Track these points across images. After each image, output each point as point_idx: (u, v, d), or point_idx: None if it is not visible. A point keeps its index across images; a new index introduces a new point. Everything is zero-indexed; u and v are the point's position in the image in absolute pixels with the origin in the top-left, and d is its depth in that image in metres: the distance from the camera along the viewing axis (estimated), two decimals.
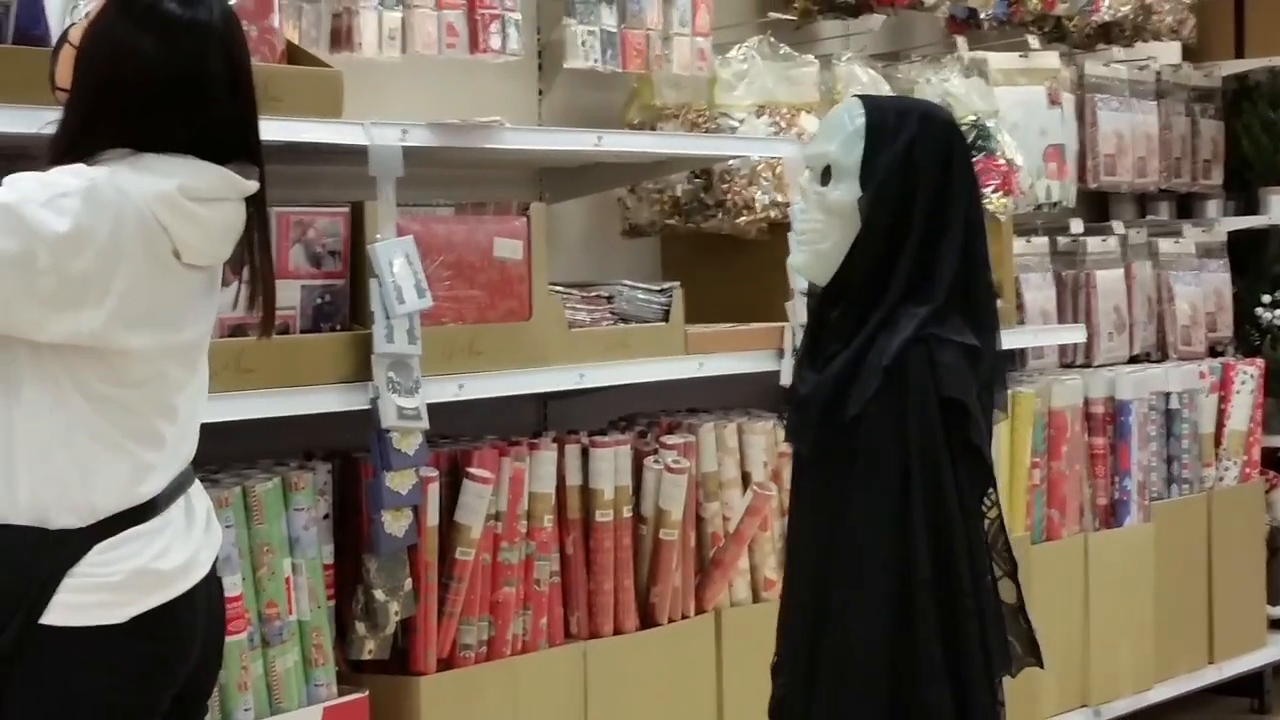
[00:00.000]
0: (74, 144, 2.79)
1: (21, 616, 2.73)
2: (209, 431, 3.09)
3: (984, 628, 2.99)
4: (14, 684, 2.75)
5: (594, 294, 4.52)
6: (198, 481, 2.98)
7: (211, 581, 2.97)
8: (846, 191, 3.10)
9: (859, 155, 3.12)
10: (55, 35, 3.31)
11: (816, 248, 3.13)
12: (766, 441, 4.79)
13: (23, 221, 2.65)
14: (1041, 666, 3.20)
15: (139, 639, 2.80)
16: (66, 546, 2.75)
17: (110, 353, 2.75)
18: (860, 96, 3.26)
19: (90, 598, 2.75)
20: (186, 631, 2.88)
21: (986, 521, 3.08)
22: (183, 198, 2.77)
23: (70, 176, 2.72)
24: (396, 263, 3.85)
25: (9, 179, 2.73)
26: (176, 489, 2.89)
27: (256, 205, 2.94)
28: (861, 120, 3.14)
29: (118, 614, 2.77)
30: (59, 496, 2.76)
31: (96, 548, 2.77)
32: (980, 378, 3.04)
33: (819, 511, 3.13)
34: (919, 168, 3.08)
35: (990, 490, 3.09)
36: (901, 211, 3.06)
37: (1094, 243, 6.50)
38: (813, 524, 3.15)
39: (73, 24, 2.93)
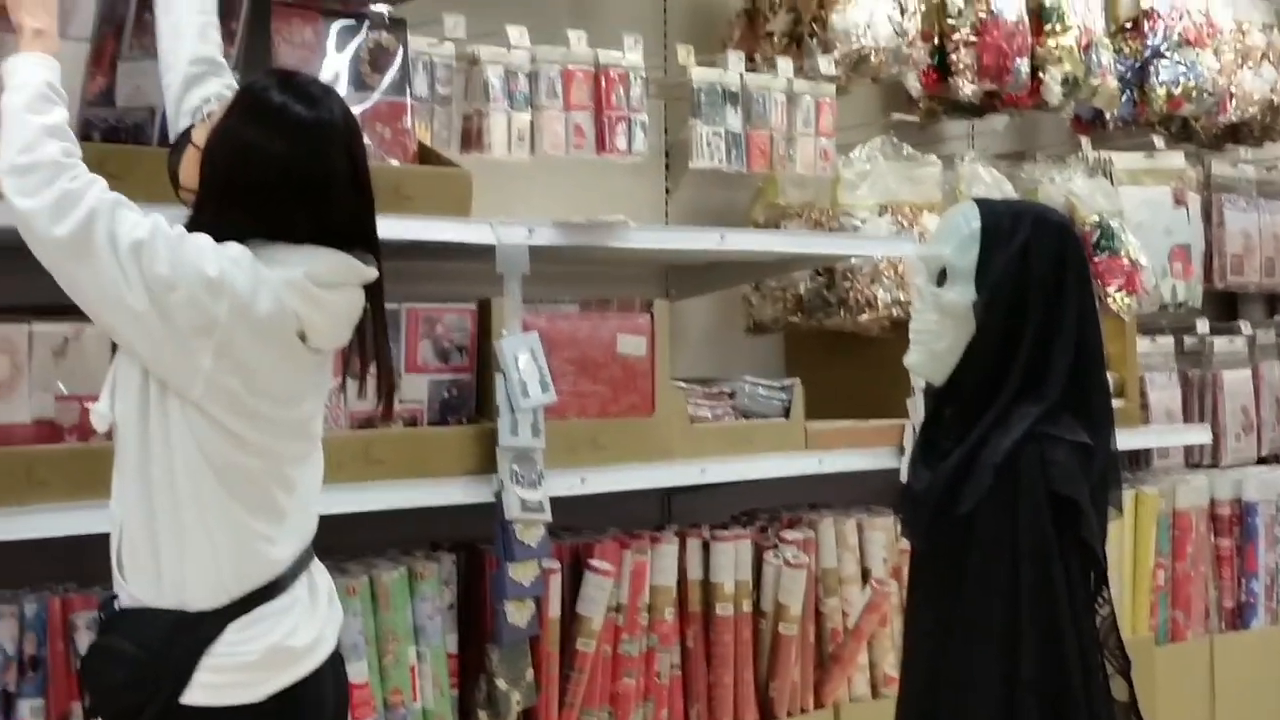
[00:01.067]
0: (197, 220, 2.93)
1: (163, 698, 2.83)
2: (338, 521, 3.17)
3: None
4: None
5: (716, 390, 4.58)
6: (317, 560, 3.06)
7: (336, 660, 3.07)
8: (962, 293, 3.14)
9: (974, 258, 3.17)
10: None
11: (931, 347, 3.18)
12: (886, 538, 4.82)
13: (181, 256, 2.80)
14: None
15: (273, 717, 2.89)
16: (204, 627, 2.85)
17: (231, 420, 2.85)
18: (976, 200, 3.31)
19: (228, 677, 2.86)
20: (316, 709, 2.97)
21: (1099, 619, 3.10)
22: (310, 284, 2.90)
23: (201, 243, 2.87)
24: (522, 358, 3.93)
25: None
26: (299, 566, 2.98)
27: (373, 295, 3.04)
28: (977, 224, 3.19)
29: (254, 693, 2.88)
30: (197, 576, 2.86)
31: (231, 626, 2.87)
32: (1093, 475, 3.07)
33: (933, 606, 3.16)
34: (1033, 270, 3.12)
35: (1103, 588, 3.10)
36: (1015, 313, 3.10)
37: (1221, 342, 6.50)
38: (927, 619, 3.19)
39: (193, 125, 3.04)
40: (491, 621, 3.96)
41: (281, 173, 2.90)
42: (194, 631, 2.86)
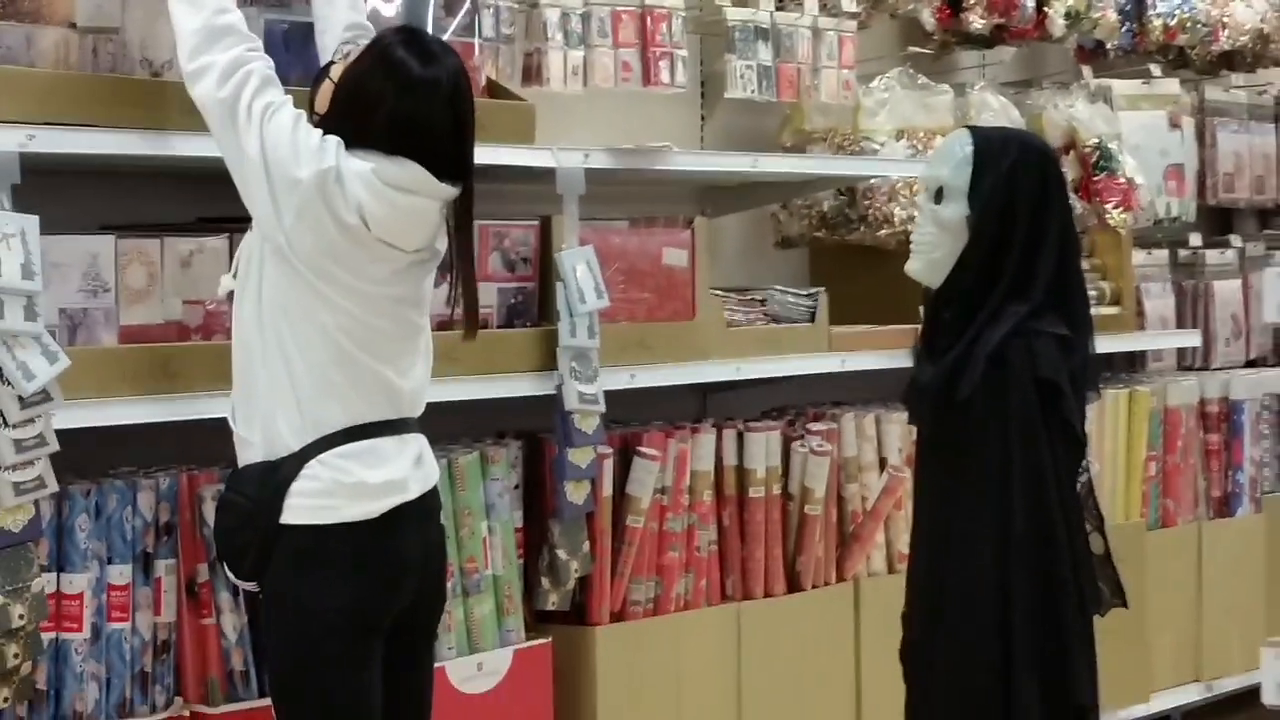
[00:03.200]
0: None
1: (262, 526, 3.40)
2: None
3: (1076, 572, 3.53)
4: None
5: (749, 297, 5.09)
6: (418, 431, 3.56)
7: (430, 528, 3.56)
8: (956, 209, 3.64)
9: (967, 177, 3.65)
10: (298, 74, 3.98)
11: (930, 256, 3.68)
12: (901, 430, 5.31)
13: (291, 125, 3.39)
14: (1126, 606, 3.74)
15: (347, 541, 3.39)
16: (285, 468, 3.40)
17: (311, 276, 3.37)
18: (969, 127, 3.81)
19: (308, 501, 3.38)
20: (390, 546, 3.43)
21: (1079, 484, 3.61)
22: (375, 178, 3.37)
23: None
24: (579, 269, 4.43)
25: None
26: (387, 427, 3.47)
27: (462, 221, 3.53)
28: (970, 148, 3.68)
29: (329, 516, 3.38)
30: (282, 421, 3.40)
31: (309, 464, 3.39)
32: (1074, 363, 3.57)
33: (939, 482, 3.67)
34: (1019, 188, 3.61)
35: (1083, 458, 3.62)
36: (1004, 225, 3.59)
37: (1213, 255, 6.97)
38: (934, 494, 3.69)
39: (333, 61, 3.56)
40: (553, 500, 4.45)
41: (389, 116, 3.39)
42: (278, 472, 3.39)
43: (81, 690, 3.68)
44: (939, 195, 3.67)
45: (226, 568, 3.57)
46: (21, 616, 3.50)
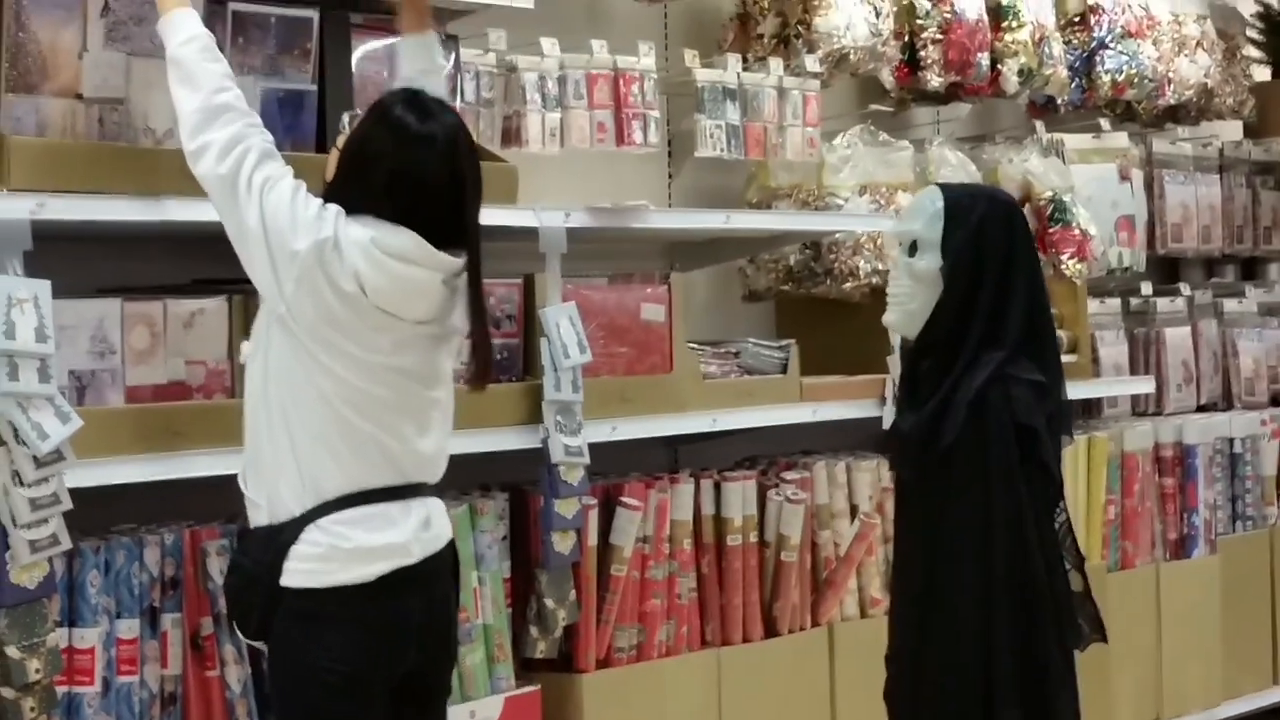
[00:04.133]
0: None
1: (265, 588, 3.49)
2: None
3: (1058, 610, 3.67)
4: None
5: (723, 350, 5.24)
6: (429, 492, 3.66)
7: (435, 588, 3.63)
8: (930, 261, 3.78)
9: (940, 231, 3.80)
10: (292, 141, 4.11)
11: (906, 308, 3.82)
12: (871, 478, 5.46)
13: (291, 198, 3.49)
14: (1105, 641, 3.87)
15: (342, 603, 3.48)
16: (287, 532, 3.49)
17: (313, 345, 3.46)
18: (938, 184, 3.98)
19: (306, 565, 3.48)
20: (387, 607, 3.50)
21: (1057, 524, 3.76)
22: (374, 247, 3.46)
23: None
24: (562, 324, 4.56)
25: None
26: (392, 493, 3.56)
27: (472, 279, 3.60)
28: (940, 203, 3.83)
29: (325, 580, 3.47)
30: (284, 488, 3.50)
31: (308, 529, 3.48)
32: (1048, 408, 3.72)
33: (922, 526, 3.78)
34: (989, 239, 3.76)
35: (1059, 500, 3.77)
36: (975, 275, 3.73)
37: (1163, 303, 7.15)
38: (917, 538, 3.80)
39: (340, 132, 3.69)
40: (539, 550, 4.57)
41: (387, 172, 3.50)
42: (280, 536, 3.49)
43: None
44: (913, 249, 3.82)
45: (236, 626, 3.68)
46: (38, 671, 3.61)
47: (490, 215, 4.32)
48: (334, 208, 3.51)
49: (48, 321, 3.58)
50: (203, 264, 4.37)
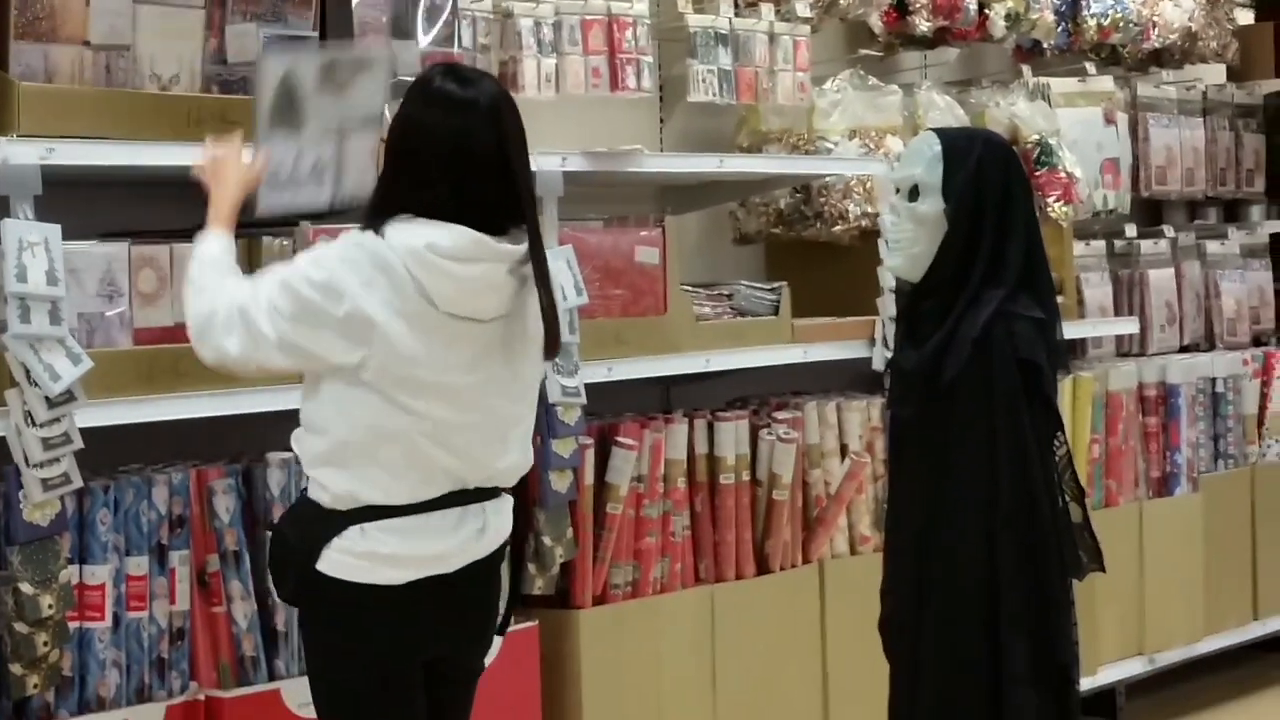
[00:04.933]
0: (374, 210, 3.50)
1: (299, 562, 3.50)
2: None
3: (1059, 542, 3.77)
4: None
5: (716, 292, 5.31)
6: (493, 502, 3.62)
7: (476, 584, 3.61)
8: (932, 205, 3.86)
9: (940, 174, 3.88)
10: None
11: (909, 251, 3.89)
12: (861, 418, 5.54)
13: (299, 291, 3.40)
14: (1104, 571, 3.97)
15: (367, 599, 3.48)
16: (333, 522, 3.47)
17: (404, 393, 3.42)
18: (933, 129, 4.05)
19: (342, 558, 3.47)
20: (405, 611, 3.49)
21: (1057, 457, 3.85)
22: (429, 253, 3.41)
23: (332, 249, 3.46)
24: (560, 267, 4.58)
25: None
26: (443, 501, 3.52)
27: (535, 253, 3.53)
28: (939, 147, 3.91)
29: (358, 575, 3.46)
30: (335, 484, 3.47)
31: (352, 526, 3.47)
32: (1048, 344, 3.81)
33: (923, 462, 3.85)
34: (988, 180, 3.85)
35: (1059, 433, 3.87)
36: (977, 216, 3.82)
37: (1147, 245, 7.23)
38: (917, 474, 3.88)
39: (383, 123, 3.71)
40: (538, 488, 4.65)
41: (433, 139, 3.44)
42: (325, 523, 3.48)
43: (104, 676, 3.87)
44: (913, 194, 3.89)
45: (272, 583, 3.74)
46: (50, 606, 3.70)
47: None
48: (353, 249, 3.42)
49: (58, 265, 3.66)
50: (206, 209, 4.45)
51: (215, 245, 3.58)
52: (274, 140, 3.75)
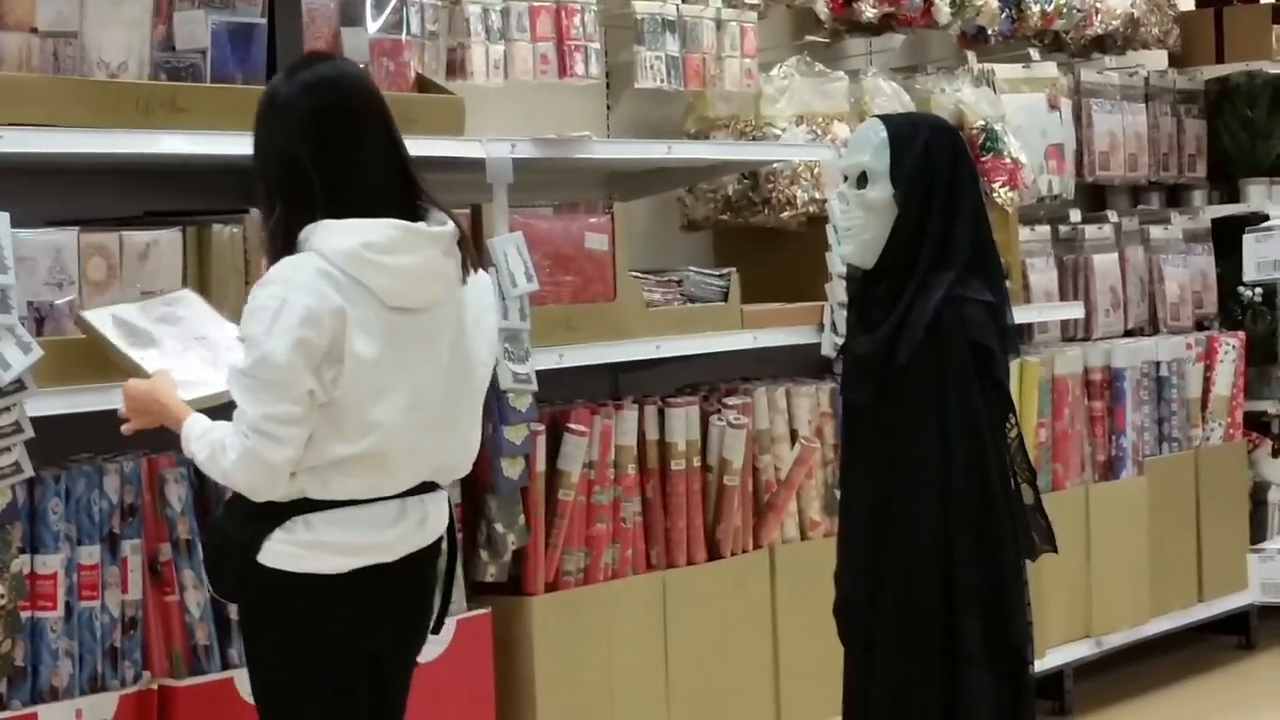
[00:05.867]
0: (284, 236, 3.41)
1: (239, 557, 3.47)
2: None
3: (1013, 523, 3.79)
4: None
5: (666, 279, 5.32)
6: (430, 495, 3.57)
7: (416, 573, 3.57)
8: (881, 191, 3.88)
9: (887, 160, 3.91)
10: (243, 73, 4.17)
11: (861, 238, 3.91)
12: (810, 403, 5.56)
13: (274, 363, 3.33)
14: (1056, 552, 4.01)
15: (310, 589, 3.45)
16: (274, 515, 3.44)
17: (372, 405, 3.38)
18: (879, 116, 4.08)
19: (283, 549, 3.44)
20: (352, 598, 3.47)
21: (1009, 439, 3.88)
22: (366, 252, 3.35)
23: (264, 298, 3.34)
24: (509, 254, 4.63)
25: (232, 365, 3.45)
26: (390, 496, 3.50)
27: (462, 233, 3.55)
28: (885, 133, 3.94)
29: (299, 564, 3.43)
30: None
31: (292, 518, 3.44)
32: (998, 327, 3.84)
33: (877, 446, 3.87)
34: (935, 164, 3.88)
35: (1010, 415, 3.89)
36: (925, 200, 3.85)
37: (1091, 230, 7.27)
38: (871, 458, 3.90)
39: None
40: (489, 475, 4.65)
41: (307, 117, 3.39)
42: (268, 515, 3.45)
43: (56, 666, 3.85)
44: (861, 180, 3.91)
45: (209, 581, 3.72)
46: (2, 596, 3.68)
47: (437, 146, 4.47)
48: (293, 271, 3.36)
49: (7, 252, 3.64)
50: (155, 196, 4.44)
51: (193, 429, 3.50)
52: (150, 359, 3.72)
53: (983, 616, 3.71)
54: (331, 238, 3.37)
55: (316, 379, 3.35)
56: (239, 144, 3.88)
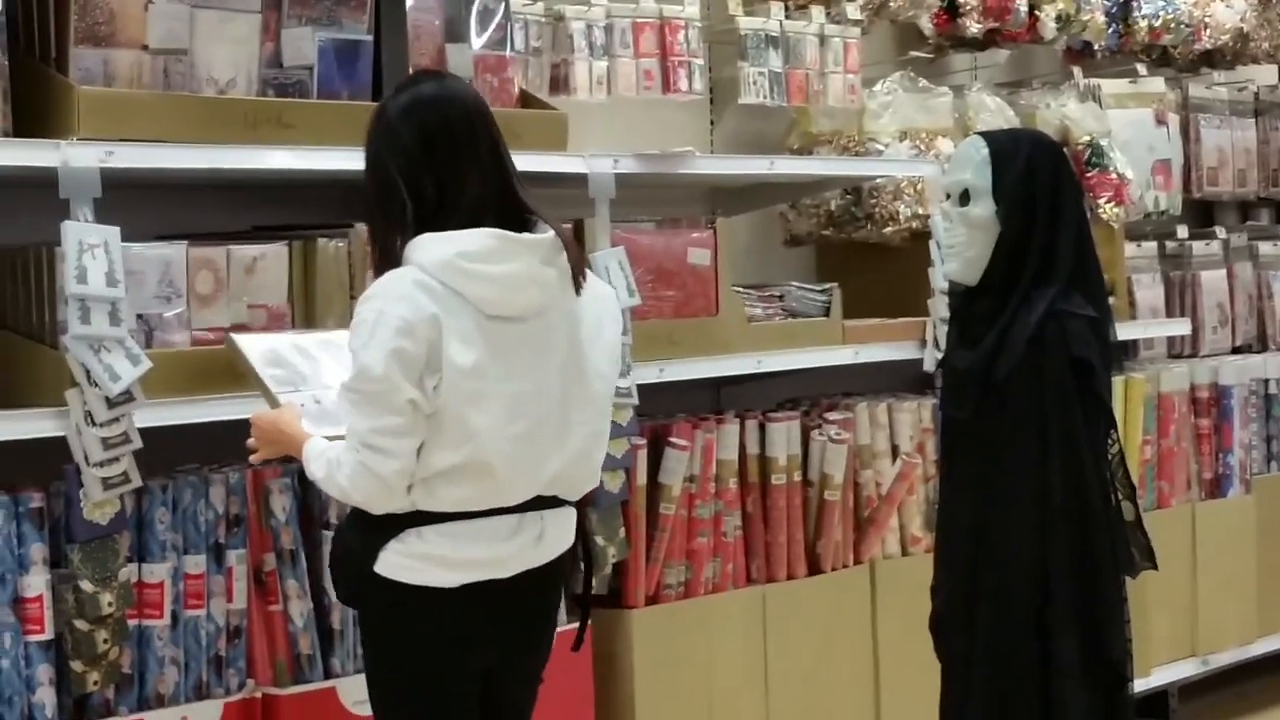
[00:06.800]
0: (383, 254, 3.47)
1: (357, 565, 3.52)
2: None
3: (1112, 539, 3.78)
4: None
5: (767, 294, 5.33)
6: (551, 512, 3.58)
7: (534, 593, 3.60)
8: (985, 207, 3.89)
9: (989, 177, 3.91)
10: (349, 89, 4.23)
11: (965, 255, 3.92)
12: (912, 419, 5.56)
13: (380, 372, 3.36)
14: (1156, 568, 3.99)
15: (419, 602, 3.48)
16: (390, 527, 3.47)
17: (473, 411, 3.39)
18: (980, 133, 4.08)
19: (398, 560, 3.47)
20: (453, 616, 3.49)
21: (1110, 455, 3.87)
22: (462, 261, 3.37)
23: (365, 313, 3.39)
24: (611, 268, 4.65)
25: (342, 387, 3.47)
26: (505, 509, 3.50)
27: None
28: (986, 151, 3.95)
29: (412, 577, 3.47)
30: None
31: (409, 530, 3.46)
32: (1101, 343, 3.83)
33: (976, 461, 3.88)
34: (1038, 180, 3.88)
35: (1112, 431, 3.88)
36: (1028, 215, 3.85)
37: (1199, 246, 7.21)
38: (969, 473, 3.91)
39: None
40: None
41: (404, 144, 3.44)
42: (385, 526, 3.47)
43: (163, 674, 3.91)
44: (964, 198, 3.92)
45: (333, 585, 3.74)
46: (110, 604, 3.74)
47: (540, 161, 4.50)
48: (393, 285, 3.39)
49: (117, 266, 3.70)
50: (261, 211, 4.51)
51: (311, 449, 3.54)
52: (286, 392, 3.74)
53: (1080, 632, 3.71)
54: (429, 249, 3.41)
55: (418, 389, 3.38)
56: (344, 159, 3.97)
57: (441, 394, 3.39)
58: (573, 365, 3.54)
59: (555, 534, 3.62)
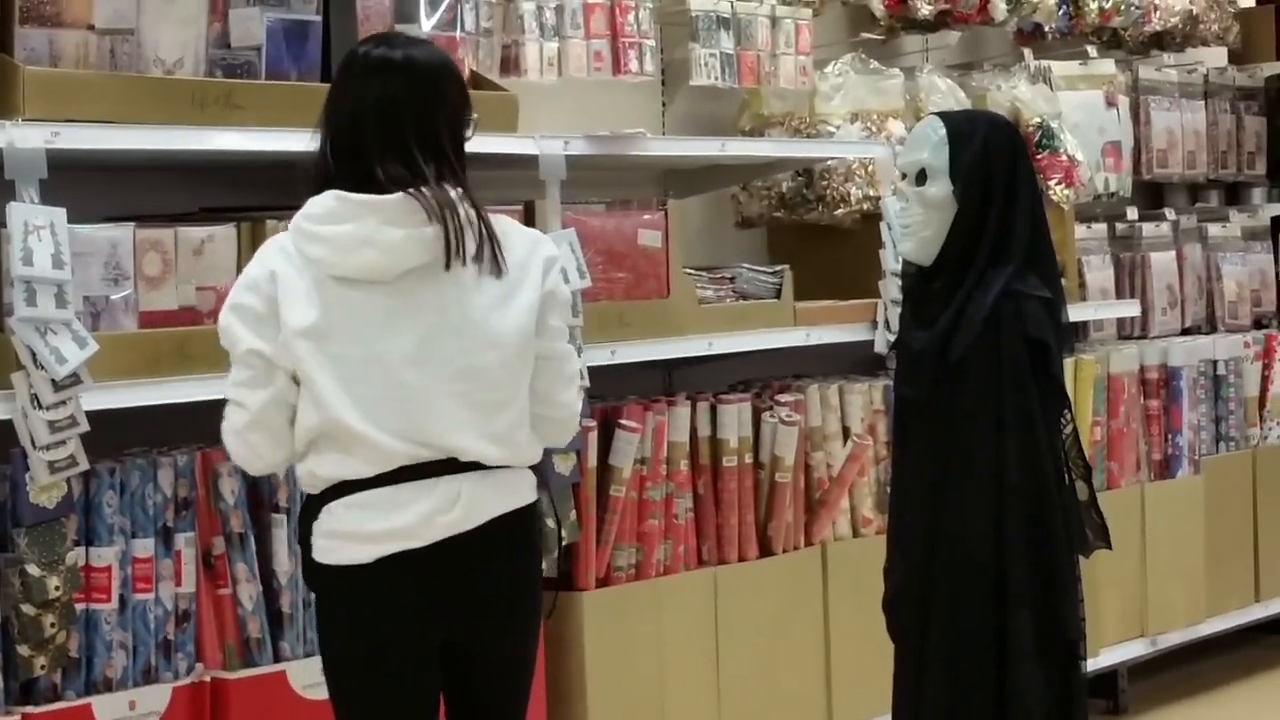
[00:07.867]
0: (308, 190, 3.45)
1: (301, 551, 3.53)
2: None
3: (1066, 518, 3.79)
4: None
5: (718, 275, 5.33)
6: (470, 475, 3.40)
7: (466, 561, 3.41)
8: (940, 187, 3.90)
9: (946, 157, 3.92)
10: (298, 70, 4.20)
11: (920, 235, 3.93)
12: (863, 401, 5.56)
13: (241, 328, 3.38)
14: (1110, 548, 4.01)
15: (347, 580, 3.42)
16: (313, 507, 3.44)
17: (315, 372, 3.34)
18: (936, 113, 4.08)
19: (321, 542, 3.43)
20: (380, 586, 3.39)
21: (1064, 435, 3.89)
22: (304, 222, 3.35)
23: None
24: (563, 250, 4.63)
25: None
26: (400, 475, 3.37)
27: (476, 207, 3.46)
28: (943, 131, 3.95)
29: (332, 557, 3.41)
30: (314, 470, 3.44)
31: (325, 508, 3.42)
32: (1056, 323, 3.83)
33: (931, 441, 3.89)
34: (993, 161, 3.89)
35: (1066, 411, 3.89)
36: (984, 195, 3.86)
37: (1148, 228, 7.24)
38: (924, 453, 3.91)
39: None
40: (543, 470, 4.67)
41: (346, 104, 3.41)
42: (311, 510, 3.45)
43: (110, 658, 3.89)
44: (920, 178, 3.92)
45: None
46: (57, 588, 3.72)
47: (491, 143, 4.46)
48: (261, 248, 3.46)
49: (64, 248, 3.68)
50: (209, 193, 4.48)
51: None
52: None
53: (1034, 610, 3.72)
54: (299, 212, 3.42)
55: (262, 340, 3.35)
56: (293, 140, 3.91)
57: (288, 351, 3.34)
58: (449, 332, 3.39)
59: (480, 498, 3.42)
